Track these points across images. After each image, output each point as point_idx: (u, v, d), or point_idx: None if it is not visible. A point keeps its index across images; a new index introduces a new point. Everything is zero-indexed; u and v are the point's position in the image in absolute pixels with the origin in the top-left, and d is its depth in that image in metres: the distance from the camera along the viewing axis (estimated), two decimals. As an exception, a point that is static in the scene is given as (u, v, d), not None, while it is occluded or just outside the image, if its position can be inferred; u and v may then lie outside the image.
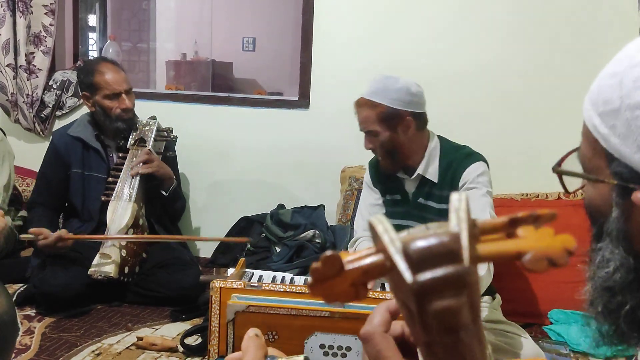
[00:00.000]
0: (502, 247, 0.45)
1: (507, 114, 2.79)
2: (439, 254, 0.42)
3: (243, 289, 1.67)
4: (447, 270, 0.41)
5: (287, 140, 3.01)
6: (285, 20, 4.92)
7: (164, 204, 2.61)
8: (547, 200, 2.60)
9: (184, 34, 5.67)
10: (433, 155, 2.01)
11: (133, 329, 2.19)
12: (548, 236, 0.45)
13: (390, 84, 1.93)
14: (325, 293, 0.47)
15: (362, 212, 2.20)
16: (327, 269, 0.46)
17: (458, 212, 0.45)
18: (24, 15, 2.98)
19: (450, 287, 0.41)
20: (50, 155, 2.61)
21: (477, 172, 1.95)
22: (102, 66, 2.52)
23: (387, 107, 1.92)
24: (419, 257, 0.42)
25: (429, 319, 0.41)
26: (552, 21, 2.70)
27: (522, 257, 0.43)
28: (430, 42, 2.81)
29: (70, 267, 2.35)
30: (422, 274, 0.41)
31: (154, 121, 2.64)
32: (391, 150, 1.98)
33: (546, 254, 0.43)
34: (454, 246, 0.42)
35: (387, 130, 1.95)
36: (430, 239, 0.42)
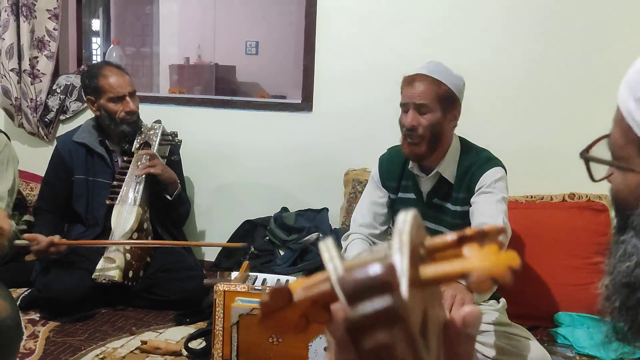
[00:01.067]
0: (446, 268, 0.43)
1: (511, 115, 2.78)
2: (371, 286, 0.40)
3: (247, 292, 1.67)
4: (377, 304, 0.39)
5: (290, 143, 3.01)
6: (288, 24, 4.93)
7: (169, 208, 2.61)
8: (551, 202, 2.59)
9: (187, 38, 5.69)
10: (453, 156, 1.99)
11: (137, 333, 2.18)
12: (493, 255, 0.43)
13: (449, 70, 1.94)
14: (276, 326, 0.46)
15: (361, 208, 2.12)
16: (276, 301, 0.45)
17: (401, 236, 0.43)
18: (27, 20, 2.99)
19: (381, 322, 0.39)
20: (54, 161, 2.61)
21: (494, 177, 1.92)
22: (105, 70, 2.52)
23: (449, 89, 1.91)
24: (352, 290, 0.40)
25: (363, 355, 0.40)
26: (558, 21, 2.70)
27: (467, 278, 0.42)
28: (433, 44, 2.80)
29: (75, 272, 2.35)
30: (354, 308, 0.40)
31: (158, 125, 2.65)
32: (434, 133, 1.91)
33: (490, 274, 0.42)
34: (387, 277, 0.40)
35: (441, 112, 1.90)
36: (365, 269, 0.40)
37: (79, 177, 2.55)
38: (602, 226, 2.48)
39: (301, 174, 3.01)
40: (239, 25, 5.51)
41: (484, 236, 0.45)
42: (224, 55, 5.53)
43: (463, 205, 1.95)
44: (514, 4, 2.73)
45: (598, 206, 2.51)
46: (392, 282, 0.40)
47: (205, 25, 5.63)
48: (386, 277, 0.40)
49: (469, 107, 2.79)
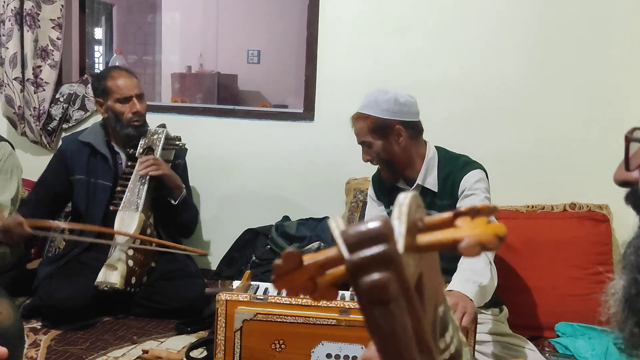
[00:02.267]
0: (439, 236, 0.50)
1: (512, 125, 2.79)
2: (371, 236, 0.46)
3: (249, 301, 1.67)
4: (376, 250, 0.46)
5: (292, 152, 3.02)
6: (290, 33, 4.96)
7: (174, 214, 2.61)
8: (552, 212, 2.59)
9: (189, 47, 5.72)
10: (431, 165, 2.04)
11: (138, 342, 2.18)
12: (482, 225, 0.49)
13: (380, 95, 1.99)
14: (287, 286, 0.52)
15: None
16: (287, 264, 0.51)
17: (400, 207, 0.50)
18: (31, 29, 3.00)
19: (377, 264, 0.46)
20: (55, 158, 2.64)
21: (474, 179, 1.97)
22: (114, 72, 2.58)
23: (376, 118, 1.98)
24: (354, 240, 0.47)
25: (361, 294, 0.46)
26: (549, 28, 2.72)
27: (458, 245, 0.48)
28: (434, 54, 2.82)
29: (77, 280, 2.35)
30: (355, 253, 0.46)
31: (162, 129, 2.66)
32: (387, 159, 2.03)
33: (479, 240, 0.47)
34: (384, 230, 0.47)
35: (379, 140, 2.00)
36: (367, 224, 0.47)
37: (79, 177, 2.56)
38: (602, 236, 2.48)
39: (303, 183, 3.02)
40: (240, 34, 5.55)
41: (477, 212, 0.51)
42: (226, 63, 5.55)
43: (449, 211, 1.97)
44: (521, 15, 2.74)
45: (599, 216, 2.52)
46: (388, 234, 0.47)
47: (207, 34, 5.66)
48: (383, 229, 0.47)
49: (471, 116, 2.82)
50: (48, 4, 3.04)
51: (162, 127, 2.69)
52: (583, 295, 2.34)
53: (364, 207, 2.83)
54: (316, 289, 0.51)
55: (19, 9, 3.00)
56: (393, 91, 2.00)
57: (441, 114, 2.82)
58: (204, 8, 5.69)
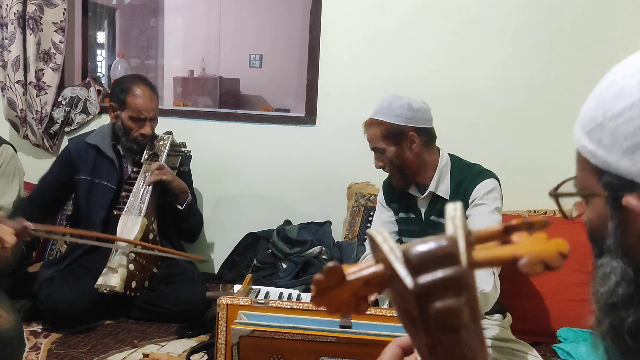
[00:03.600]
0: (497, 252, 0.46)
1: (514, 130, 2.79)
2: (438, 257, 0.43)
3: (250, 305, 1.66)
4: (446, 272, 0.43)
5: (293, 157, 3.02)
6: (292, 37, 4.97)
7: (179, 219, 2.61)
8: (554, 217, 2.58)
9: (191, 51, 5.73)
10: (444, 173, 2.03)
11: (139, 346, 2.18)
12: (542, 241, 0.46)
13: (394, 101, 1.98)
14: (327, 303, 0.48)
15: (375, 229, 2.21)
16: (329, 279, 0.47)
17: (454, 220, 0.47)
18: (34, 33, 3.01)
19: (449, 288, 0.42)
20: (60, 159, 2.63)
21: (487, 188, 1.96)
22: (138, 89, 2.51)
23: (390, 124, 1.97)
24: (419, 261, 0.43)
25: (431, 319, 0.43)
26: (558, 37, 2.71)
27: (518, 262, 0.44)
28: (435, 59, 2.82)
29: (78, 284, 2.35)
30: (422, 276, 0.43)
31: (168, 136, 2.66)
32: (399, 166, 2.01)
33: (541, 258, 0.44)
34: (451, 249, 0.43)
35: (392, 146, 1.99)
36: (429, 243, 0.44)
37: (83, 177, 2.56)
38: (605, 241, 2.47)
39: (304, 187, 3.02)
40: (243, 39, 5.55)
41: (530, 226, 0.47)
42: (228, 68, 5.56)
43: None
44: (519, 20, 2.75)
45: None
46: (456, 254, 0.43)
47: (209, 38, 5.67)
48: (451, 248, 0.43)
49: (472, 121, 2.82)
50: (51, 8, 3.05)
51: (168, 133, 2.70)
52: (585, 300, 2.30)
53: (366, 212, 2.83)
54: (359, 306, 0.48)
55: (22, 12, 3.01)
56: (407, 97, 2.00)
57: (443, 118, 2.81)
58: (207, 12, 5.70)
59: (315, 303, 0.49)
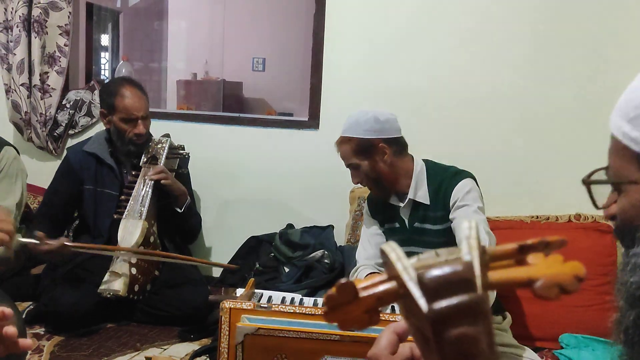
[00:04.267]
0: (513, 274, 0.45)
1: (519, 135, 2.79)
2: (454, 282, 0.42)
3: (253, 309, 1.67)
4: (463, 299, 0.42)
5: (296, 160, 3.03)
6: (295, 41, 4.97)
7: (179, 221, 2.62)
8: (557, 223, 2.58)
9: (195, 54, 5.74)
10: (420, 179, 2.06)
11: (141, 349, 2.18)
12: (558, 263, 0.45)
13: (361, 116, 2.02)
14: (340, 320, 0.48)
15: (363, 243, 2.24)
16: (342, 296, 0.47)
17: (469, 240, 0.45)
18: (39, 36, 3.03)
19: (466, 315, 0.41)
20: (63, 170, 2.63)
21: (465, 189, 1.98)
22: (125, 90, 2.52)
23: (359, 139, 2.00)
24: (434, 286, 0.42)
25: (447, 346, 0.42)
26: (565, 42, 2.72)
27: (533, 284, 0.44)
28: (439, 64, 2.83)
29: (81, 287, 2.35)
30: (437, 302, 0.42)
31: (166, 139, 2.67)
32: (375, 178, 2.05)
33: (557, 281, 0.44)
34: (467, 275, 0.42)
35: (365, 160, 2.03)
36: (444, 267, 0.43)
37: (88, 187, 2.56)
38: (607, 247, 2.47)
39: (307, 191, 3.02)
40: (246, 42, 5.56)
41: (547, 246, 0.47)
42: (231, 71, 5.57)
43: (442, 223, 2.02)
44: (522, 28, 2.75)
45: (604, 227, 2.51)
46: (473, 280, 0.42)
47: (213, 41, 5.68)
48: (466, 275, 0.42)
49: (475, 128, 2.82)
50: (56, 11, 3.06)
51: (166, 136, 2.70)
52: (587, 306, 2.32)
53: (368, 216, 2.83)
54: (371, 321, 0.48)
55: (27, 15, 3.02)
56: (373, 110, 2.03)
57: (446, 121, 2.83)
58: (211, 16, 5.72)
59: (328, 319, 0.48)
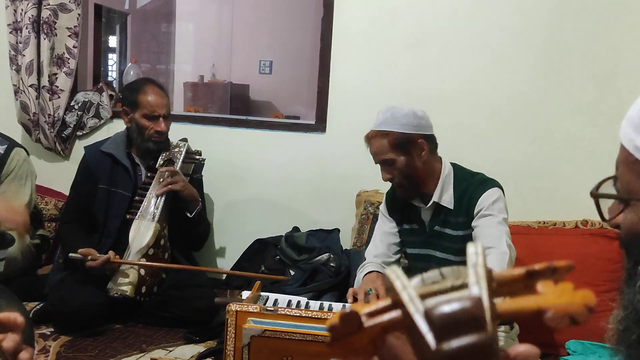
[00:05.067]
0: (522, 303, 0.44)
1: (524, 140, 2.79)
2: (463, 321, 0.41)
3: (259, 312, 1.67)
4: (472, 340, 0.40)
5: (303, 164, 3.03)
6: (302, 44, 4.98)
7: (188, 226, 2.62)
8: (564, 228, 2.58)
9: (202, 56, 5.75)
10: (447, 182, 2.02)
11: (147, 350, 2.19)
12: (568, 292, 0.44)
13: (397, 111, 1.97)
14: (344, 351, 0.46)
15: (375, 240, 2.22)
16: (346, 326, 0.45)
17: (476, 268, 0.44)
18: (48, 37, 3.04)
19: (476, 356, 0.40)
20: (81, 171, 2.65)
21: (492, 198, 1.95)
22: (148, 87, 2.57)
23: (398, 133, 1.94)
24: (443, 324, 0.41)
25: None
26: (571, 49, 2.71)
27: (543, 315, 0.42)
28: (446, 71, 2.83)
29: (89, 287, 2.36)
30: (447, 342, 0.40)
31: (184, 143, 2.68)
32: (409, 175, 1.99)
33: (567, 311, 0.43)
34: (477, 312, 0.41)
35: (402, 156, 1.96)
36: (452, 304, 0.41)
37: (102, 186, 2.57)
38: (614, 254, 2.46)
39: (313, 194, 3.02)
40: (253, 45, 5.58)
41: (554, 271, 0.46)
42: (238, 74, 5.58)
43: (464, 229, 1.99)
44: (528, 32, 2.75)
45: (611, 233, 2.50)
46: (483, 319, 0.40)
47: (220, 43, 5.70)
48: (476, 311, 0.41)
49: (483, 131, 2.82)
50: (65, 13, 3.08)
51: (183, 140, 2.73)
52: (595, 312, 2.31)
53: (374, 220, 2.82)
54: (377, 351, 0.46)
55: (37, 17, 3.04)
56: (407, 106, 1.99)
57: (453, 127, 2.82)
58: (218, 18, 5.73)
59: (332, 351, 0.46)
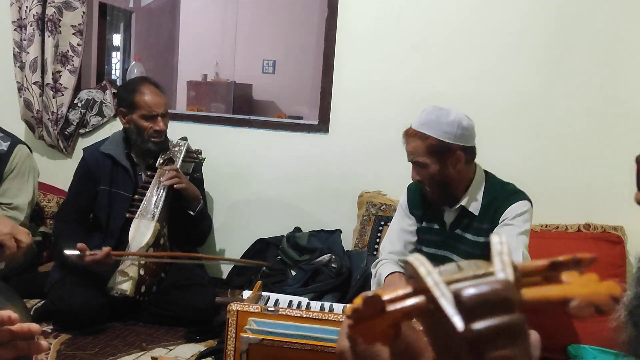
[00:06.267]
0: (547, 292, 0.44)
1: (527, 143, 2.78)
2: (493, 302, 0.41)
3: (260, 312, 1.67)
4: (503, 320, 0.40)
5: (305, 164, 3.03)
6: (306, 44, 4.98)
7: (190, 224, 2.62)
8: (567, 232, 2.57)
9: (205, 55, 5.75)
10: (477, 189, 2.00)
11: (147, 349, 2.19)
12: (593, 282, 0.44)
13: (443, 116, 1.90)
14: (365, 333, 0.46)
15: (391, 236, 2.17)
16: (369, 309, 0.45)
17: (502, 256, 0.44)
18: (52, 35, 3.04)
19: (506, 337, 0.40)
20: (81, 171, 2.64)
21: (519, 210, 1.94)
22: (144, 87, 2.56)
23: (437, 140, 1.89)
24: (472, 305, 0.41)
25: None
26: (576, 51, 2.71)
27: (568, 303, 0.43)
28: (450, 72, 2.82)
29: (89, 285, 2.36)
30: (476, 322, 0.40)
31: (184, 142, 2.68)
32: (440, 182, 1.95)
33: (592, 301, 0.43)
34: (508, 294, 0.41)
35: (437, 164, 1.92)
36: (481, 286, 0.42)
37: (103, 188, 2.57)
38: (617, 258, 2.45)
39: (315, 195, 3.02)
40: (257, 44, 5.58)
41: (578, 263, 0.46)
42: (241, 73, 5.58)
43: (486, 236, 1.96)
44: (536, 35, 2.74)
45: (613, 238, 2.49)
46: (514, 301, 0.41)
47: (224, 42, 5.70)
48: (506, 293, 0.41)
49: (487, 132, 2.80)
50: (70, 11, 3.08)
51: (183, 139, 2.72)
52: (595, 317, 2.30)
53: (376, 221, 2.82)
54: (396, 336, 0.46)
55: (41, 14, 3.04)
56: (455, 113, 1.92)
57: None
58: (222, 17, 5.73)
59: (353, 333, 0.47)
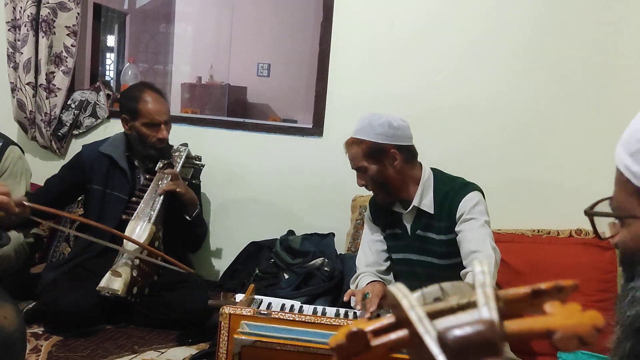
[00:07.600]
0: (531, 324, 0.44)
1: (519, 148, 2.80)
2: (478, 346, 0.41)
3: (252, 316, 1.67)
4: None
5: (299, 167, 3.03)
6: (301, 48, 4.99)
7: (186, 228, 2.62)
8: (558, 237, 2.59)
9: (200, 58, 5.75)
10: (427, 187, 2.06)
11: (139, 351, 2.18)
12: (576, 313, 0.44)
13: (374, 119, 2.01)
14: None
15: (364, 249, 2.24)
16: (353, 345, 0.44)
17: (484, 289, 0.44)
18: (46, 36, 3.04)
19: None
20: (72, 164, 2.64)
21: (472, 202, 1.98)
22: (147, 95, 2.54)
23: (371, 142, 1.99)
24: (458, 348, 0.41)
25: None
26: (566, 56, 2.73)
27: (552, 335, 0.43)
28: (443, 76, 2.84)
29: (81, 287, 2.35)
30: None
31: (184, 148, 2.69)
32: (382, 183, 2.04)
33: (576, 333, 0.42)
34: (492, 337, 0.41)
35: (374, 164, 2.01)
36: (465, 328, 0.41)
37: (96, 187, 2.56)
38: (607, 264, 2.47)
39: (309, 198, 3.03)
40: (252, 47, 5.58)
41: (560, 291, 0.46)
42: (236, 76, 5.58)
43: (447, 233, 2.02)
44: (525, 41, 2.76)
45: (604, 244, 2.51)
46: (497, 343, 0.40)
47: (219, 45, 5.70)
48: (491, 336, 0.41)
49: (478, 139, 2.83)
50: (64, 12, 3.07)
51: (184, 145, 2.73)
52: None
53: (369, 225, 2.84)
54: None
55: (35, 15, 3.03)
56: (386, 115, 2.03)
57: (449, 134, 2.84)
58: (217, 20, 5.74)
59: None
